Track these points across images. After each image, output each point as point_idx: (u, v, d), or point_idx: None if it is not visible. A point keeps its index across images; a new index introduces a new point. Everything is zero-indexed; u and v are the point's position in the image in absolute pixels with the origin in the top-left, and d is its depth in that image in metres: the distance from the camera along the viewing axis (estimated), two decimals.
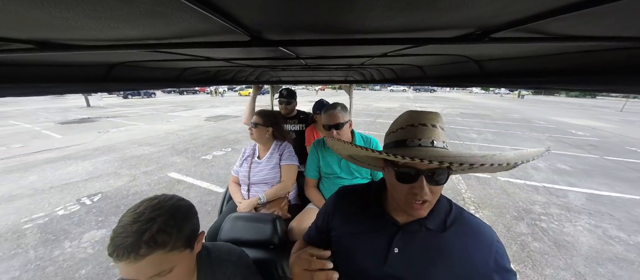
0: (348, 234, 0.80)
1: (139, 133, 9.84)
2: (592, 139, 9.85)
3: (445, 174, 0.61)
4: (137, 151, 7.19)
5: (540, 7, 0.39)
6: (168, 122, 12.64)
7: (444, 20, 0.49)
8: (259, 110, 1.87)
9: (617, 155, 7.36)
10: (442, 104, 24.15)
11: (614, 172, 5.81)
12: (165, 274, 0.63)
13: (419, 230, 0.71)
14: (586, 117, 16.78)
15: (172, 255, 0.64)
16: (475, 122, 13.16)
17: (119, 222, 0.63)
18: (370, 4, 0.40)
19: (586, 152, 7.62)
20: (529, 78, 0.85)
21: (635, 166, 6.35)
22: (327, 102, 2.34)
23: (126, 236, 0.59)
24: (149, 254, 0.60)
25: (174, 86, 1.61)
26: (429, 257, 0.69)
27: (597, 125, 13.76)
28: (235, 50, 1.01)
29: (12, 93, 0.76)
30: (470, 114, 16.65)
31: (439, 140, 0.64)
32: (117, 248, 0.58)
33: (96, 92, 5.28)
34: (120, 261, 0.59)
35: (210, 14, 0.42)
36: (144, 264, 0.60)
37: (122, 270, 0.60)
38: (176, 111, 16.72)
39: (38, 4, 0.35)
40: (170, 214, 0.66)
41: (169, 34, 0.59)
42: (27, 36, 0.54)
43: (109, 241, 0.61)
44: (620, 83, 0.56)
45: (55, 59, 0.82)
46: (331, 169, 1.69)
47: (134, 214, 0.63)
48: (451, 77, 1.33)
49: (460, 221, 0.71)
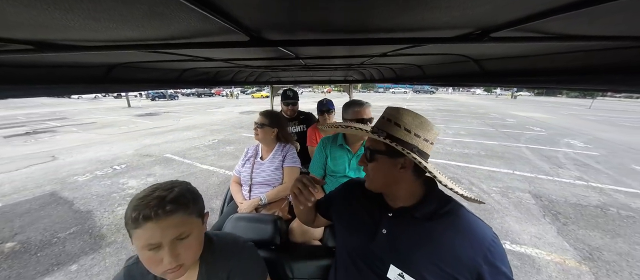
0: (346, 213, 0.92)
1: (202, 119, 14.00)
2: (509, 121, 14.06)
3: (368, 152, 0.79)
4: (212, 128, 11.31)
5: (540, 6, 0.39)
6: (213, 114, 16.23)
7: (444, 20, 0.49)
8: (265, 111, 1.85)
9: (509, 129, 11.62)
10: (429, 103, 27.65)
11: (487, 133, 10.41)
12: (183, 238, 0.67)
13: (407, 217, 0.77)
14: (540, 112, 20.01)
15: (191, 220, 0.69)
16: (441, 115, 16.94)
17: (135, 196, 0.66)
18: (369, 3, 0.40)
19: (491, 127, 12.13)
20: (529, 78, 0.85)
21: (505, 131, 11.10)
22: (331, 101, 2.35)
23: (149, 201, 0.63)
24: (173, 212, 0.64)
25: (174, 87, 1.61)
26: (415, 242, 0.73)
27: (537, 115, 17.33)
28: (234, 51, 1.01)
29: (12, 94, 0.75)
30: (444, 109, 20.31)
31: (382, 130, 0.77)
32: (143, 210, 0.62)
33: (95, 93, 5.61)
34: (146, 222, 0.62)
35: (209, 14, 0.42)
36: (168, 223, 0.63)
37: (143, 236, 0.62)
38: (211, 109, 19.60)
39: (37, 5, 0.35)
40: (183, 187, 0.72)
41: (168, 34, 0.59)
42: (27, 37, 0.54)
43: (127, 215, 0.64)
44: (621, 83, 0.56)
45: (55, 59, 0.82)
46: (339, 166, 1.69)
47: (149, 188, 0.68)
48: (451, 76, 1.33)
49: (455, 215, 0.74)
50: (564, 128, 12.47)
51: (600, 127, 13.03)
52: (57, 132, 10.61)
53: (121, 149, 7.66)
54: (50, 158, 6.83)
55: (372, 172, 0.79)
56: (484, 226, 0.72)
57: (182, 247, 0.66)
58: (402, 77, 2.00)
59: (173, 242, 0.64)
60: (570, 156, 7.26)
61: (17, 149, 7.99)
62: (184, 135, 9.49)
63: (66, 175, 5.51)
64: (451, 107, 22.92)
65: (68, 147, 8.05)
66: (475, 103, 28.26)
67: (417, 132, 0.73)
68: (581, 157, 7.14)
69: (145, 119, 13.99)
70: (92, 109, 20.56)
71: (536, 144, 8.64)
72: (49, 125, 12.26)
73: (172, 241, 0.64)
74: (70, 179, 5.28)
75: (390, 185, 0.79)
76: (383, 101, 27.07)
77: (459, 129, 11.31)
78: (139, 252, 0.65)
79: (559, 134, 10.66)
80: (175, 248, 0.65)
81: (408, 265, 0.72)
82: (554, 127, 12.55)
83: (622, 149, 8.46)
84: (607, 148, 8.51)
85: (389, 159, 0.75)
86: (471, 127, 11.73)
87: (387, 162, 0.75)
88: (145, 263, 0.65)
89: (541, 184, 5.15)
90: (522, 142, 8.94)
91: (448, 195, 0.79)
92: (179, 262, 0.65)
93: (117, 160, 6.54)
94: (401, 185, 0.78)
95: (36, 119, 14.27)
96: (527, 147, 8.25)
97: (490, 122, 13.66)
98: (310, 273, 1.11)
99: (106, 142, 8.72)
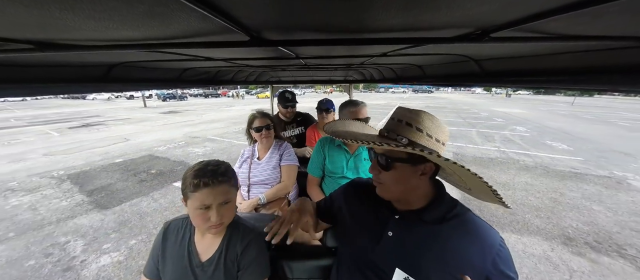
0: (351, 215, 0.90)
1: (221, 115, 16.17)
2: (482, 115, 16.22)
3: (384, 160, 0.72)
4: (233, 120, 13.35)
5: (540, 6, 0.39)
6: (228, 112, 18.36)
7: (444, 20, 0.49)
8: (261, 112, 1.83)
9: (475, 120, 13.63)
10: (421, 102, 29.35)
11: (454, 123, 12.34)
12: (226, 204, 0.86)
13: (415, 220, 0.75)
14: (520, 108, 22.12)
15: (232, 190, 0.89)
16: (427, 110, 19.36)
17: (191, 169, 0.85)
18: (369, 3, 0.40)
19: (461, 118, 14.24)
20: (529, 78, 0.85)
21: (471, 121, 13.24)
22: (331, 101, 2.35)
23: (206, 172, 0.83)
24: (224, 182, 0.84)
25: (174, 87, 1.61)
26: (421, 245, 0.71)
27: (514, 111, 19.28)
28: (235, 50, 1.01)
29: (12, 93, 0.76)
30: (432, 106, 22.33)
31: (401, 136, 0.71)
32: (202, 178, 0.81)
33: (96, 93, 6.15)
34: (205, 188, 0.80)
35: (209, 13, 0.42)
36: (220, 190, 0.83)
37: (199, 198, 0.80)
38: (223, 108, 21.83)
39: (38, 5, 0.35)
40: (227, 165, 0.91)
41: (168, 34, 0.59)
42: (27, 36, 0.54)
43: (187, 182, 0.82)
44: (621, 83, 0.56)
45: (55, 59, 0.82)
46: (337, 167, 1.69)
47: (202, 163, 0.87)
48: (451, 76, 1.33)
49: (462, 219, 0.72)
50: (525, 120, 14.21)
51: (559, 119, 14.98)
52: (107, 125, 12.67)
53: (172, 135, 9.82)
54: (124, 140, 9.01)
55: (390, 181, 0.74)
56: (491, 230, 0.71)
57: (225, 209, 0.85)
58: (403, 77, 2.00)
59: (220, 205, 0.83)
60: (506, 136, 9.29)
61: (92, 135, 10.04)
62: (212, 126, 11.89)
63: (149, 147, 7.83)
64: (440, 104, 24.72)
65: (130, 134, 10.09)
66: (466, 101, 30.03)
67: (437, 136, 0.70)
68: (513, 137, 9.20)
69: (171, 116, 16.22)
70: (113, 108, 22.10)
71: (486, 129, 10.72)
72: (94, 120, 14.37)
73: (219, 204, 0.83)
74: (153, 149, 7.59)
75: (408, 192, 0.75)
76: (382, 100, 29.61)
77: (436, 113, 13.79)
78: (192, 211, 0.83)
79: (514, 124, 12.44)
80: (221, 209, 0.84)
81: (415, 270, 0.70)
82: (515, 119, 14.40)
83: (552, 132, 10.46)
84: (541, 132, 10.43)
85: (411, 167, 0.70)
86: (444, 119, 13.22)
87: (408, 170, 0.70)
88: (195, 220, 0.84)
89: (465, 150, 7.26)
90: (476, 128, 10.98)
91: (454, 198, 0.78)
92: (221, 220, 0.84)
93: (174, 140, 8.77)
94: (418, 191, 0.74)
95: (75, 117, 15.99)
96: (478, 131, 10.34)
97: (464, 115, 15.77)
98: (310, 273, 1.11)
99: (154, 131, 10.81)
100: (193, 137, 9.29)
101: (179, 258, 0.91)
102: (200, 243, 0.92)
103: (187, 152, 7.17)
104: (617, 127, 12.22)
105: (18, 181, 5.25)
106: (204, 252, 0.91)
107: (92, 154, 7.11)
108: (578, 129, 11.42)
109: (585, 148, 7.87)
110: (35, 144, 8.50)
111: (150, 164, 6.19)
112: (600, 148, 7.89)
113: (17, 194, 4.64)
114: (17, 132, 10.98)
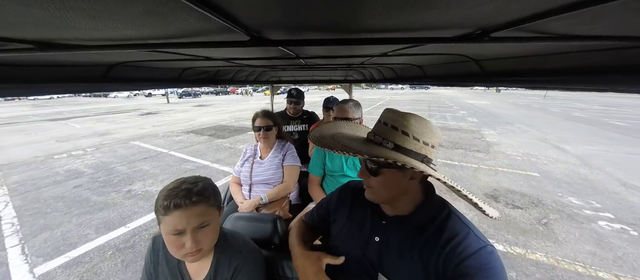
0: (343, 222, 0.89)
1: (243, 106, 19.96)
2: (448, 104, 19.62)
3: (375, 167, 0.70)
4: (256, 110, 14.55)
5: (540, 6, 0.39)
6: (247, 104, 21.92)
7: (444, 20, 0.49)
8: (264, 112, 1.83)
9: (438, 107, 17.38)
10: (415, 96, 33.11)
11: (419, 110, 14.75)
12: (204, 227, 0.75)
13: (400, 225, 0.75)
14: (489, 100, 25.40)
15: (211, 211, 0.78)
16: (407, 101, 22.83)
17: (164, 188, 0.75)
18: (369, 3, 0.40)
19: (428, 106, 18.04)
20: (529, 78, 0.85)
21: (434, 107, 17.35)
22: (337, 99, 2.35)
23: (178, 191, 0.72)
24: (199, 202, 0.74)
25: (174, 86, 1.61)
26: (404, 250, 0.71)
27: (482, 102, 22.86)
28: (235, 50, 1.01)
29: (12, 93, 0.76)
30: (415, 99, 25.76)
31: (387, 140, 0.68)
32: (173, 199, 0.71)
33: (96, 92, 6.21)
34: (175, 210, 0.70)
35: (209, 13, 0.42)
36: (194, 212, 0.72)
37: (171, 222, 0.71)
38: (242, 102, 25.42)
39: (38, 4, 0.35)
40: (206, 182, 0.81)
41: (168, 33, 0.59)
42: (27, 36, 0.54)
43: (158, 204, 0.73)
44: (621, 83, 0.56)
45: (55, 59, 0.82)
46: (337, 166, 1.69)
47: (177, 181, 0.77)
48: (451, 76, 1.33)
49: (446, 223, 0.70)
50: (478, 108, 17.71)
51: (505, 107, 19.07)
52: (163, 113, 15.98)
53: (221, 117, 13.68)
54: (193, 119, 13.06)
55: (378, 186, 0.73)
56: (473, 236, 0.67)
57: (202, 234, 0.75)
58: (403, 77, 1.99)
59: (195, 229, 0.73)
60: (445, 116, 13.00)
61: (169, 117, 14.10)
62: (243, 113, 15.11)
63: (217, 121, 12.39)
64: (423, 98, 28.56)
65: (190, 117, 13.80)
66: (449, 95, 34.09)
67: (425, 139, 0.67)
68: (450, 117, 12.87)
69: (205, 108, 19.70)
70: (140, 104, 24.67)
71: (439, 112, 13.94)
72: (146, 111, 17.75)
73: (194, 228, 0.73)
74: (221, 122, 11.81)
75: (397, 196, 0.73)
76: (376, 95, 33.48)
77: (402, 107, 16.21)
78: (165, 236, 0.74)
79: (465, 110, 15.78)
80: (197, 234, 0.73)
81: (395, 276, 0.70)
82: (472, 108, 17.56)
83: (484, 114, 14.37)
84: (476, 113, 14.63)
85: (398, 171, 0.68)
86: (412, 107, 16.86)
87: (396, 175, 0.69)
88: (169, 246, 0.74)
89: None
90: (430, 112, 14.14)
91: (444, 199, 0.77)
92: (198, 247, 0.73)
93: (226, 120, 12.68)
94: (408, 195, 0.73)
95: (132, 110, 18.67)
96: (430, 113, 13.57)
97: (434, 105, 19.28)
98: None
99: (206, 115, 14.69)
100: (237, 118, 13.24)
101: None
102: (191, 265, 0.85)
103: (241, 123, 11.29)
104: (532, 110, 17.25)
105: (162, 135, 9.10)
106: (195, 274, 0.85)
107: (186, 125, 11.13)
108: (506, 112, 15.64)
109: (487, 120, 12.08)
110: (139, 122, 12.61)
111: (225, 127, 10.59)
112: (497, 121, 12.17)
113: (159, 139, 8.62)
114: (119, 118, 14.06)
